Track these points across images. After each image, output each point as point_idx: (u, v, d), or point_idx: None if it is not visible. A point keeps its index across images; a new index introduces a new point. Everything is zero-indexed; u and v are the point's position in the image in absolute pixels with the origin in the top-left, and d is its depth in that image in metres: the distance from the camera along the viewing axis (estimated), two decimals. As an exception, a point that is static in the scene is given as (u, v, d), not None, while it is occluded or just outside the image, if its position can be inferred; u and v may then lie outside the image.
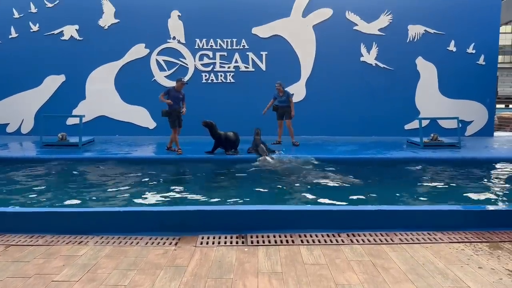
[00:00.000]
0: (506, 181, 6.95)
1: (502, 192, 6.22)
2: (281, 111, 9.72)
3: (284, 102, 9.65)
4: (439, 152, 8.84)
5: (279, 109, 9.72)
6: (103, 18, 11.57)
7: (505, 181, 6.96)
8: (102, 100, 11.63)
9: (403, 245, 3.78)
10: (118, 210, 4.33)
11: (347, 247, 3.74)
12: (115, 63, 11.63)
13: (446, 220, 4.26)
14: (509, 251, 3.66)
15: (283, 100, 9.65)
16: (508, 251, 3.65)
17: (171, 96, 8.28)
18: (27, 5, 11.50)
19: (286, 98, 9.65)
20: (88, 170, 7.65)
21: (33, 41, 11.54)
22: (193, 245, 3.80)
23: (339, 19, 11.57)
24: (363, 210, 4.41)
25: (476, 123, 11.83)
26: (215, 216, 4.20)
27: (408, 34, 11.62)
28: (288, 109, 9.62)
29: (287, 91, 9.83)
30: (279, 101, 9.70)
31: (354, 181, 6.73)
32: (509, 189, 6.43)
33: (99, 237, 3.94)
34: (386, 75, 11.67)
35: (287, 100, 9.64)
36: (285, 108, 9.63)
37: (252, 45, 11.63)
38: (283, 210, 4.32)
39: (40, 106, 11.66)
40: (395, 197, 5.88)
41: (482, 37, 11.60)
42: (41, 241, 3.87)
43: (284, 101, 9.65)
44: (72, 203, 5.44)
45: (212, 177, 7.40)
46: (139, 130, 11.67)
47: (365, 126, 11.62)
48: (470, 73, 11.64)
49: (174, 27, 11.58)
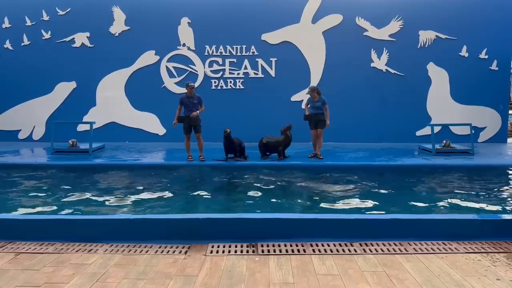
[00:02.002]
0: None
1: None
2: (316, 119, 8.58)
3: (319, 109, 8.56)
4: (452, 159, 8.70)
5: (313, 117, 8.58)
6: (113, 26, 11.67)
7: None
8: (112, 106, 11.70)
9: (417, 255, 3.69)
10: (128, 218, 4.30)
11: (360, 257, 3.65)
12: (125, 70, 11.71)
13: (461, 229, 4.15)
14: (528, 262, 3.55)
15: (318, 107, 8.56)
16: (527, 262, 3.54)
17: (184, 103, 8.23)
18: (39, 13, 11.66)
19: (321, 105, 8.57)
20: (98, 177, 7.65)
21: (45, 49, 11.68)
22: (203, 253, 3.75)
23: (349, 25, 11.52)
24: (376, 219, 4.33)
25: (489, 130, 11.65)
26: (226, 224, 4.15)
27: (419, 40, 11.53)
28: (323, 116, 8.57)
29: (322, 97, 8.67)
30: (313, 108, 8.60)
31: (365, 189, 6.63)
32: (525, 197, 6.28)
33: (109, 245, 3.91)
34: (397, 81, 11.57)
35: (322, 106, 8.58)
36: (320, 115, 8.56)
37: (261, 52, 11.62)
38: (295, 219, 4.26)
39: (51, 112, 11.77)
40: (408, 205, 5.77)
41: (495, 42, 11.45)
42: (51, 248, 3.85)
43: (319, 108, 8.56)
44: (82, 210, 5.43)
45: (222, 184, 7.34)
46: (149, 136, 11.71)
47: (376, 133, 11.52)
48: (483, 79, 11.49)
49: (184, 34, 11.63)
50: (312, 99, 8.62)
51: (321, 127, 8.61)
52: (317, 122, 8.59)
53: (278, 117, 9.80)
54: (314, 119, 8.59)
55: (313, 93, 8.58)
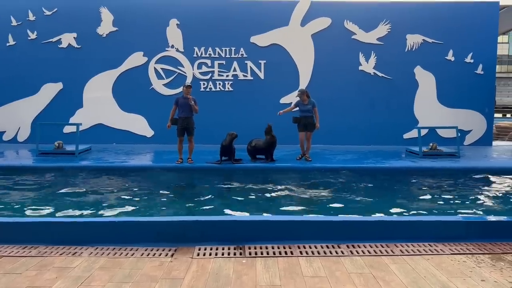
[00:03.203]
0: (507, 191, 6.89)
1: (502, 203, 6.16)
2: (305, 122, 8.52)
3: (309, 112, 8.52)
4: (438, 162, 8.80)
5: (303, 119, 8.53)
6: (101, 26, 11.55)
7: (506, 191, 6.90)
8: (99, 108, 11.57)
9: (404, 257, 3.71)
10: (113, 221, 4.25)
11: (347, 259, 3.66)
12: (113, 71, 11.60)
13: (447, 231, 4.20)
14: (511, 263, 3.59)
15: (308, 110, 8.52)
16: (510, 263, 3.58)
17: (180, 103, 8.13)
18: (25, 13, 11.48)
19: (311, 108, 8.54)
20: (83, 179, 7.55)
21: (31, 49, 11.50)
22: (189, 256, 3.72)
23: (337, 28, 11.58)
24: (363, 221, 4.35)
25: (474, 133, 11.81)
26: (212, 227, 4.13)
27: (407, 44, 11.64)
28: (312, 119, 8.54)
29: (312, 100, 8.62)
30: (303, 111, 8.54)
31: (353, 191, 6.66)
32: (509, 199, 6.37)
33: (94, 248, 3.86)
34: (385, 84, 11.66)
35: (312, 109, 8.55)
36: (310, 118, 8.52)
37: (250, 54, 11.62)
38: (282, 221, 4.25)
39: (37, 114, 11.58)
40: (395, 207, 5.81)
41: (480, 46, 11.62)
42: (34, 252, 3.78)
43: (309, 111, 8.52)
44: (67, 213, 5.35)
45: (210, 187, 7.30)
46: (137, 138, 11.60)
47: (364, 135, 11.59)
48: (469, 83, 11.64)
49: (172, 36, 11.57)
50: (302, 102, 8.58)
51: (310, 130, 8.58)
52: (306, 125, 8.54)
53: (267, 120, 9.77)
54: (303, 122, 8.54)
55: (302, 96, 8.53)
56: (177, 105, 8.16)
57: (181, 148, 8.31)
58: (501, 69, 33.58)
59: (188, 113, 8.13)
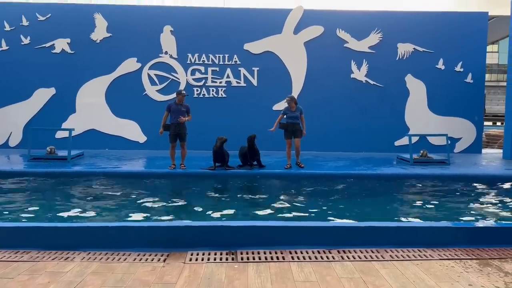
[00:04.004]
0: (495, 198, 7.00)
1: (490, 209, 6.26)
2: (292, 128, 8.49)
3: (296, 119, 8.52)
4: (428, 169, 8.90)
5: (289, 126, 8.50)
6: (95, 32, 11.58)
7: (494, 198, 7.01)
8: (92, 113, 11.56)
9: (393, 262, 3.77)
10: (106, 225, 4.26)
11: (338, 264, 3.71)
12: (106, 77, 11.61)
13: (436, 236, 4.26)
14: (498, 268, 3.66)
15: (296, 116, 8.52)
16: (497, 268, 3.65)
17: (172, 110, 8.15)
18: (18, 18, 11.48)
19: (299, 114, 8.56)
20: (76, 184, 7.54)
21: (24, 54, 11.48)
22: (182, 261, 3.74)
23: (330, 36, 11.73)
24: (354, 226, 4.41)
25: (464, 140, 11.97)
26: (205, 232, 4.15)
27: (398, 52, 11.81)
28: (299, 126, 8.55)
29: (299, 107, 8.67)
30: (290, 117, 8.52)
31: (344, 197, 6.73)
32: (497, 205, 6.47)
33: (86, 253, 3.86)
34: (376, 92, 11.81)
35: (299, 116, 8.56)
36: (297, 125, 8.52)
37: (244, 61, 11.71)
38: (274, 226, 4.29)
39: (29, 119, 11.54)
40: (385, 213, 5.88)
41: (470, 56, 11.83)
42: (26, 257, 3.78)
43: (296, 117, 8.52)
44: (59, 218, 5.34)
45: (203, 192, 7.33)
46: (130, 144, 11.60)
47: (355, 142, 11.69)
48: (459, 91, 11.82)
49: (166, 42, 11.63)
50: (290, 109, 8.58)
51: (298, 136, 8.57)
52: (294, 132, 8.53)
53: (260, 126, 9.85)
54: (290, 129, 8.52)
55: (291, 103, 8.55)
56: (169, 111, 8.19)
57: (174, 154, 8.33)
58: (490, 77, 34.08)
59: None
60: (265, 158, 8.82)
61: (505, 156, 10.98)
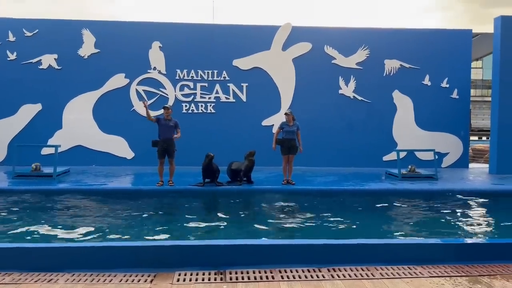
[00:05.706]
0: (483, 213, 7.05)
1: (479, 224, 6.28)
2: (289, 144, 8.38)
3: (293, 134, 8.41)
4: (417, 184, 8.95)
5: (286, 142, 8.37)
6: (82, 48, 11.54)
7: (482, 213, 7.05)
8: (79, 129, 11.44)
9: (384, 280, 3.73)
10: (91, 246, 4.16)
11: (328, 283, 3.66)
12: (94, 93, 11.53)
13: (425, 253, 4.24)
14: (487, 285, 3.65)
15: (293, 131, 8.41)
16: (487, 285, 3.64)
17: (161, 125, 8.14)
18: (5, 33, 11.39)
19: (296, 130, 8.44)
20: (61, 202, 7.39)
21: (10, 70, 11.38)
22: (169, 282, 3.65)
23: (318, 53, 11.86)
24: (344, 244, 4.36)
25: (451, 155, 12.10)
26: (193, 252, 4.07)
27: (385, 68, 11.98)
28: (295, 142, 8.44)
29: (297, 123, 8.56)
30: (288, 132, 8.39)
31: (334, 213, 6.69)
32: (485, 221, 6.51)
33: (71, 275, 3.75)
34: (364, 108, 11.92)
35: (296, 131, 8.45)
36: (293, 141, 8.40)
37: (232, 77, 11.75)
38: (263, 245, 4.24)
39: (14, 135, 11.36)
40: (375, 230, 5.86)
41: (455, 72, 12.05)
42: (8, 279, 3.66)
43: (293, 133, 8.41)
44: (43, 237, 5.21)
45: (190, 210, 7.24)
46: (117, 160, 11.47)
47: (344, 157, 11.74)
48: (445, 106, 12.01)
49: (155, 58, 11.63)
50: (287, 123, 8.49)
51: (293, 153, 8.50)
52: (290, 148, 8.43)
53: (249, 142, 9.85)
54: (287, 145, 8.42)
55: (289, 117, 8.46)
56: (158, 123, 8.14)
57: (162, 171, 8.25)
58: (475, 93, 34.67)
59: (169, 135, 8.11)
60: (256, 174, 8.78)
61: (491, 171, 11.11)
